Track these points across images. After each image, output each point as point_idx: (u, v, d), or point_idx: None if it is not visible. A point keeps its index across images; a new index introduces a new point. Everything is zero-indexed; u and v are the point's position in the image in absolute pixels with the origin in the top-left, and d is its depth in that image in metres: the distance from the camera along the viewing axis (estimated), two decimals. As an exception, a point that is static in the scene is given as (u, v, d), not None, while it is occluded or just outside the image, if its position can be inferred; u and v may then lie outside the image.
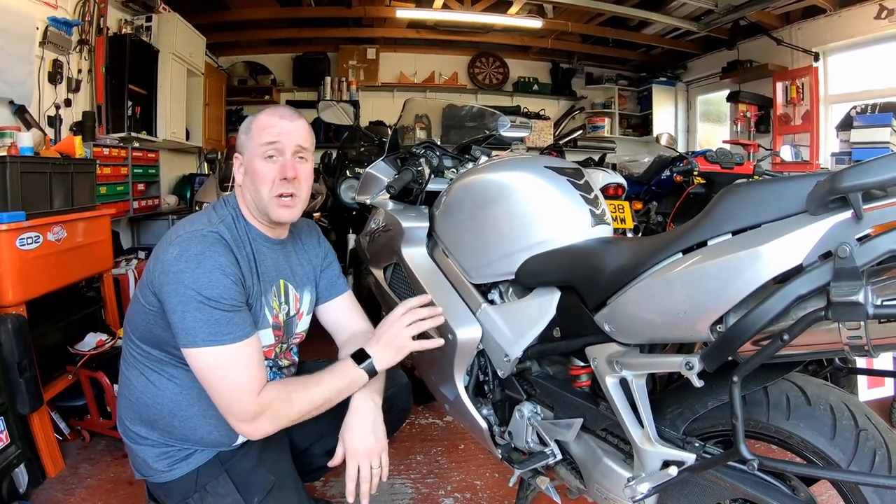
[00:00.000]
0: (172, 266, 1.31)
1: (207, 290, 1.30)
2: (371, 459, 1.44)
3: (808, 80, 5.79)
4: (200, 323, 1.29)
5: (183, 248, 1.33)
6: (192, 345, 1.30)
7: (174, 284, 1.30)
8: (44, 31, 3.42)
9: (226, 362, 1.32)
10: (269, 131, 1.46)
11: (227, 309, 1.32)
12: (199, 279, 1.30)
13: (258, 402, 1.33)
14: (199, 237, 1.35)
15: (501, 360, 1.64)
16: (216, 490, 1.46)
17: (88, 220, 2.79)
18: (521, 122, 2.44)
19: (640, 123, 8.57)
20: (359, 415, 1.47)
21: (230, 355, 1.32)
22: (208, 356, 1.31)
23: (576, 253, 1.50)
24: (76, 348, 2.59)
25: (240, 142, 1.51)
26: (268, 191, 1.46)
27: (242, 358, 1.33)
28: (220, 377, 1.32)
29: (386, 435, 1.50)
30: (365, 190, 2.47)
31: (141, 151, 4.54)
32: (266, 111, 1.51)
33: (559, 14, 6.94)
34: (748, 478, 1.15)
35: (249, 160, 1.48)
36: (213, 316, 1.30)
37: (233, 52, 7.66)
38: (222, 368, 1.32)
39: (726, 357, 1.06)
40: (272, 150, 1.45)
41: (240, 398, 1.32)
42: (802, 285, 0.94)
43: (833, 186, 0.90)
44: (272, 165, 1.46)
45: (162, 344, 1.42)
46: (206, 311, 1.29)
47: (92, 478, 2.31)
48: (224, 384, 1.32)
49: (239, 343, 1.33)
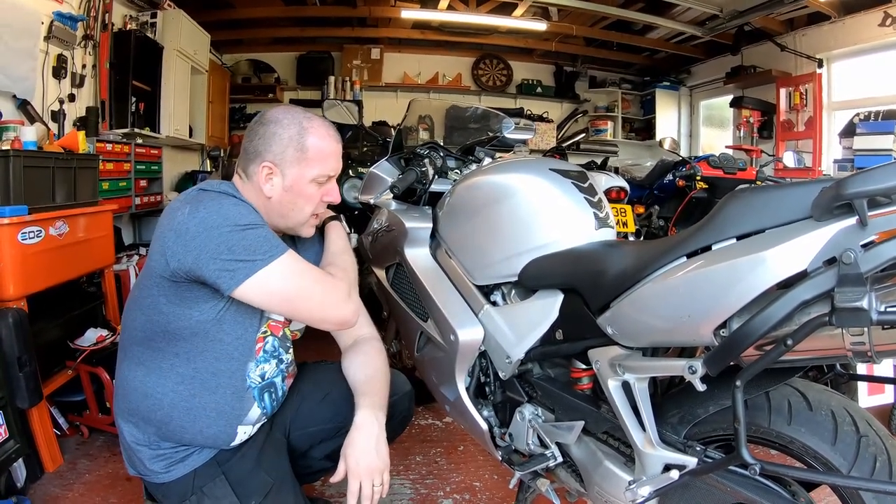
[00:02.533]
0: (191, 220, 1.29)
1: (240, 218, 1.31)
2: (373, 477, 1.42)
3: (812, 86, 5.79)
4: (253, 247, 1.30)
5: (194, 203, 1.32)
6: (255, 269, 1.29)
7: (204, 233, 1.28)
8: (49, 25, 3.42)
9: (295, 267, 1.35)
10: (329, 162, 1.48)
11: (264, 226, 1.35)
12: (226, 215, 1.30)
13: (338, 279, 1.42)
14: (203, 191, 1.37)
15: (503, 362, 1.63)
16: (213, 492, 1.45)
17: (90, 216, 2.79)
18: (525, 125, 2.44)
19: (643, 127, 8.55)
20: (362, 432, 1.46)
21: (293, 260, 1.36)
22: (278, 270, 1.31)
23: (579, 256, 1.50)
24: (76, 343, 2.58)
25: (282, 154, 1.44)
26: (310, 212, 1.50)
27: (298, 257, 1.38)
28: (300, 283, 1.35)
29: (388, 452, 1.48)
30: (368, 189, 2.47)
31: (144, 148, 4.54)
32: (321, 132, 1.47)
33: (564, 17, 6.94)
34: (749, 482, 1.15)
35: (298, 180, 1.46)
36: (260, 234, 1.32)
37: (237, 50, 7.65)
38: (297, 274, 1.35)
39: (729, 361, 1.05)
40: (326, 179, 1.50)
41: (326, 286, 1.39)
42: (806, 290, 0.94)
43: (838, 193, 0.90)
44: (318, 189, 1.49)
45: (168, 332, 1.40)
46: (250, 235, 1.30)
47: (90, 473, 2.31)
48: (307, 285, 1.36)
49: (290, 250, 1.36)
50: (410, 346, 2.02)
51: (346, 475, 1.42)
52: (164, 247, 1.32)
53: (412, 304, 1.97)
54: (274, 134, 1.44)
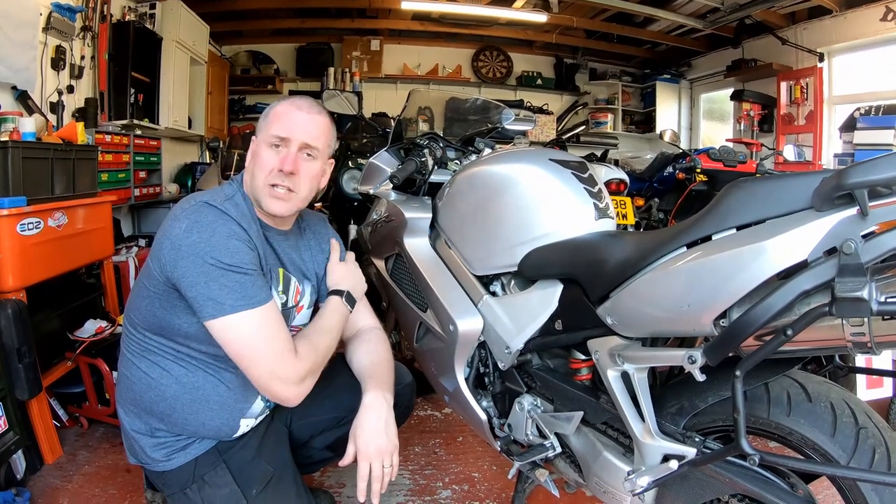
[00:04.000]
0: (184, 239, 1.29)
1: (227, 256, 1.29)
2: (383, 458, 1.42)
3: (813, 80, 5.78)
4: (227, 290, 1.28)
5: (192, 220, 1.31)
6: (222, 313, 1.28)
7: (190, 258, 1.28)
8: (47, 17, 3.40)
9: (260, 327, 1.31)
10: (282, 121, 1.44)
11: (248, 272, 1.31)
12: (215, 247, 1.28)
13: (300, 359, 1.35)
14: (206, 207, 1.34)
15: (502, 352, 1.63)
16: (214, 481, 1.45)
17: (89, 207, 2.78)
18: (525, 116, 2.44)
19: (643, 120, 8.53)
20: (370, 413, 1.45)
21: (262, 318, 1.31)
22: (242, 323, 1.29)
23: (579, 246, 1.50)
24: (76, 335, 2.58)
25: (258, 124, 1.49)
26: (263, 178, 1.43)
27: (273, 319, 1.34)
28: (258, 343, 1.31)
29: (397, 434, 1.48)
30: (368, 180, 2.46)
31: (143, 139, 4.53)
32: (289, 99, 1.49)
33: (564, 9, 6.91)
34: (748, 473, 1.15)
35: (258, 144, 1.47)
36: (238, 280, 1.29)
37: (236, 42, 7.63)
38: (258, 334, 1.31)
39: (729, 351, 1.06)
40: (279, 141, 1.44)
41: (284, 360, 1.33)
42: (807, 280, 0.94)
43: (839, 183, 0.90)
44: (274, 155, 1.44)
45: (166, 330, 1.40)
46: (230, 277, 1.28)
47: (90, 465, 2.31)
48: (264, 349, 1.32)
49: (267, 304, 1.33)
50: (410, 337, 2.02)
51: (356, 457, 1.42)
52: (160, 253, 1.33)
53: (411, 295, 1.97)
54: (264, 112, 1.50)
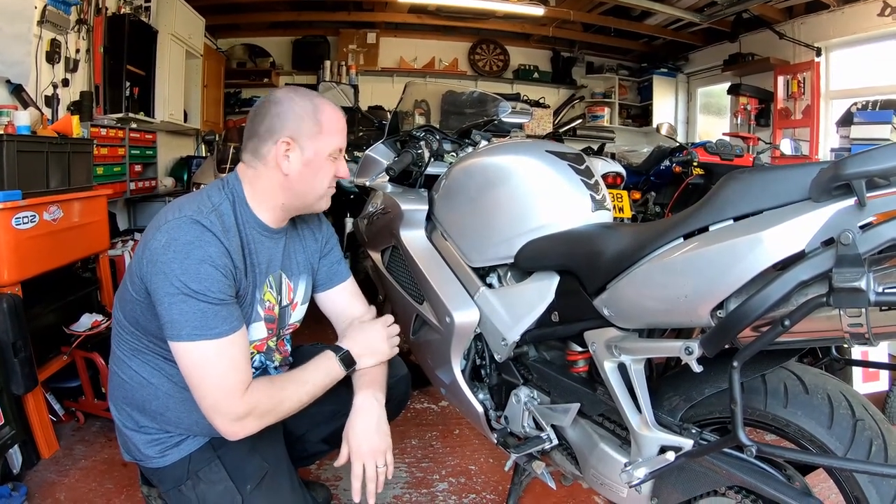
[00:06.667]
0: (160, 255, 1.26)
1: (195, 282, 1.25)
2: (376, 458, 1.42)
3: (810, 75, 5.77)
4: (186, 316, 1.25)
5: (171, 237, 1.28)
6: (177, 338, 1.26)
7: (162, 275, 1.25)
8: (42, 10, 3.37)
9: (212, 358, 1.27)
10: (342, 135, 1.47)
11: (214, 302, 1.27)
12: (187, 270, 1.25)
13: (245, 401, 1.29)
14: (188, 224, 1.29)
15: (499, 344, 1.63)
16: (209, 477, 1.44)
17: (85, 201, 2.77)
18: (522, 108, 2.42)
19: (639, 114, 8.52)
20: (362, 414, 1.46)
21: (217, 351, 1.27)
22: (193, 351, 1.26)
23: (576, 237, 1.50)
24: (71, 329, 2.57)
25: (299, 128, 1.41)
26: (326, 187, 1.47)
27: (229, 354, 1.29)
28: (205, 374, 1.27)
29: (390, 432, 1.48)
30: (364, 172, 2.45)
31: (138, 132, 4.50)
32: (333, 107, 1.47)
33: (561, 2, 6.90)
34: (744, 465, 1.15)
35: (316, 155, 1.43)
36: (200, 308, 1.26)
37: (232, 35, 7.58)
38: (208, 365, 1.27)
39: (726, 342, 1.05)
40: (338, 153, 1.47)
41: (226, 397, 1.28)
42: (804, 271, 0.94)
43: (837, 173, 0.89)
44: (332, 164, 1.47)
45: (152, 332, 1.38)
46: (192, 304, 1.25)
47: (86, 459, 2.31)
48: (209, 381, 1.28)
49: (226, 338, 1.29)
50: (406, 329, 2.01)
51: (350, 458, 1.42)
52: (140, 261, 1.32)
53: (408, 287, 1.97)
54: (289, 110, 1.42)
